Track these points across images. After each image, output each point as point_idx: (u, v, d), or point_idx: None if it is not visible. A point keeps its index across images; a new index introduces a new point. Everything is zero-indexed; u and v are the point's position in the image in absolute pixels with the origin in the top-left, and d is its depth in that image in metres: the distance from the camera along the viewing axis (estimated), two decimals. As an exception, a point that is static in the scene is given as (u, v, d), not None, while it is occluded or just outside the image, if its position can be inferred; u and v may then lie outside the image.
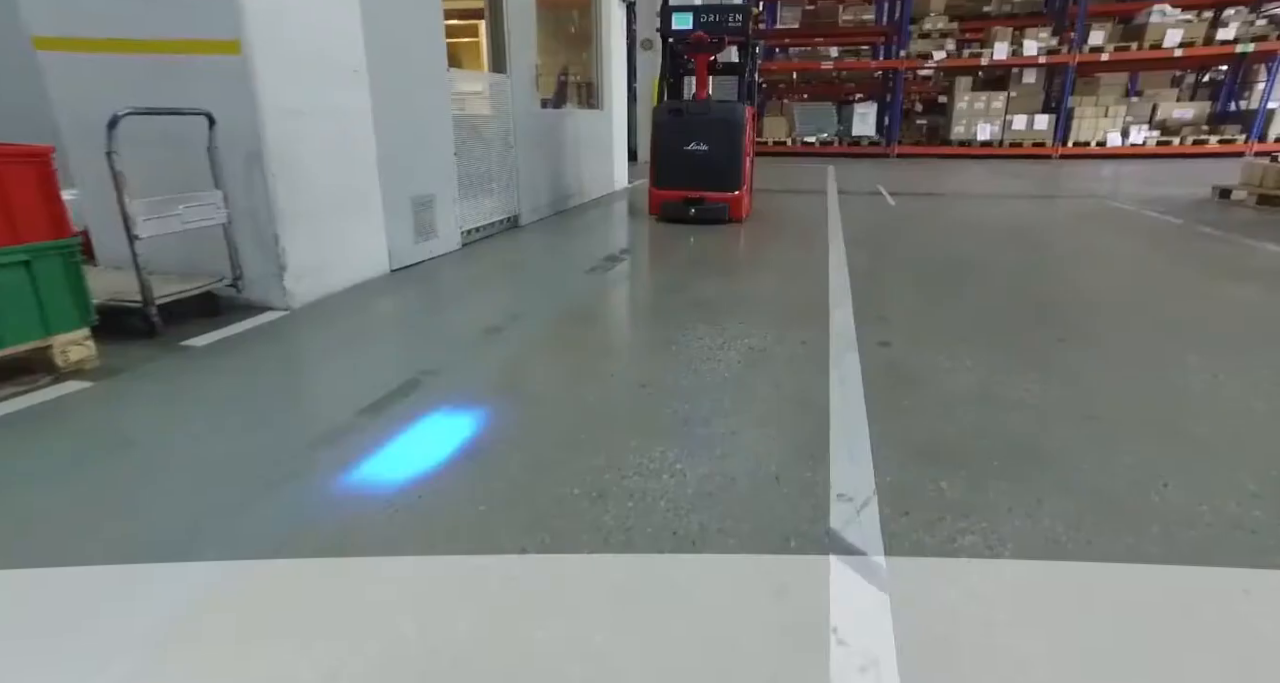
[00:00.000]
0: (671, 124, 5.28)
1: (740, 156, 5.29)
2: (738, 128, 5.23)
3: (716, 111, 5.25)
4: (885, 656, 1.14)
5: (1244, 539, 1.44)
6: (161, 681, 1.09)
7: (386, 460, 1.79)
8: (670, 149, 5.33)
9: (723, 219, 5.38)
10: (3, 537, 1.47)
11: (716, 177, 5.31)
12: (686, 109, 5.27)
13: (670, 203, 5.47)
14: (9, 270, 2.08)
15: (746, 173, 5.48)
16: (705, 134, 5.21)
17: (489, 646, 1.16)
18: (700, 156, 5.25)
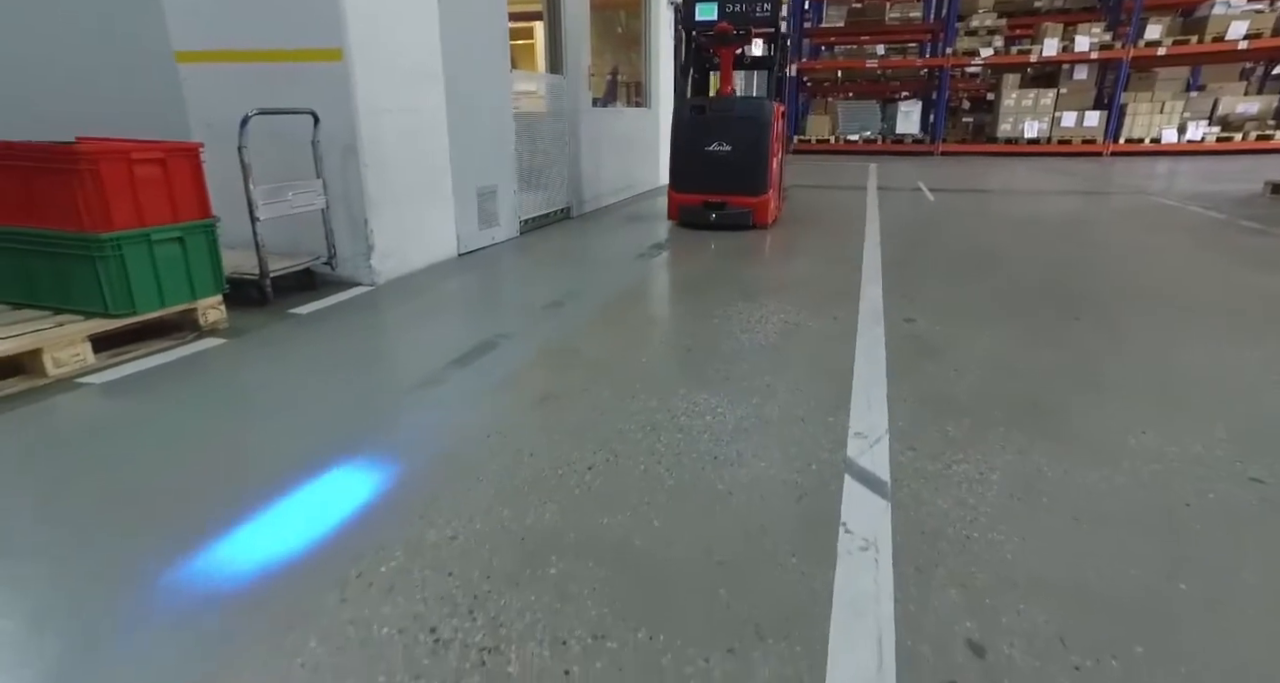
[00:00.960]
0: (692, 122, 4.96)
1: (766, 158, 4.93)
2: (764, 126, 4.87)
3: (741, 109, 4.93)
4: (882, 540, 1.45)
5: (1199, 471, 1.70)
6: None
7: (475, 401, 2.16)
8: (690, 149, 5.01)
9: (745, 225, 5.06)
10: (207, 443, 1.88)
11: (740, 179, 4.97)
12: (709, 106, 4.96)
13: (689, 207, 5.14)
14: (170, 245, 2.53)
15: (774, 175, 5.13)
16: (728, 133, 4.88)
17: (569, 526, 1.50)
18: (723, 158, 4.93)
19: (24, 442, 1.88)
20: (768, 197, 5.04)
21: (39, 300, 2.50)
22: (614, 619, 1.22)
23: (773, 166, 5.00)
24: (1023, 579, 1.32)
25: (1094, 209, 6.44)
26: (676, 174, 5.15)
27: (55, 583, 1.32)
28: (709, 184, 5.04)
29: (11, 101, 4.57)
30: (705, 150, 4.94)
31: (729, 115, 4.91)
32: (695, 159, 5.01)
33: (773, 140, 4.92)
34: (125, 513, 1.55)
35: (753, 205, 5.03)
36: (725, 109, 4.95)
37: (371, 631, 1.18)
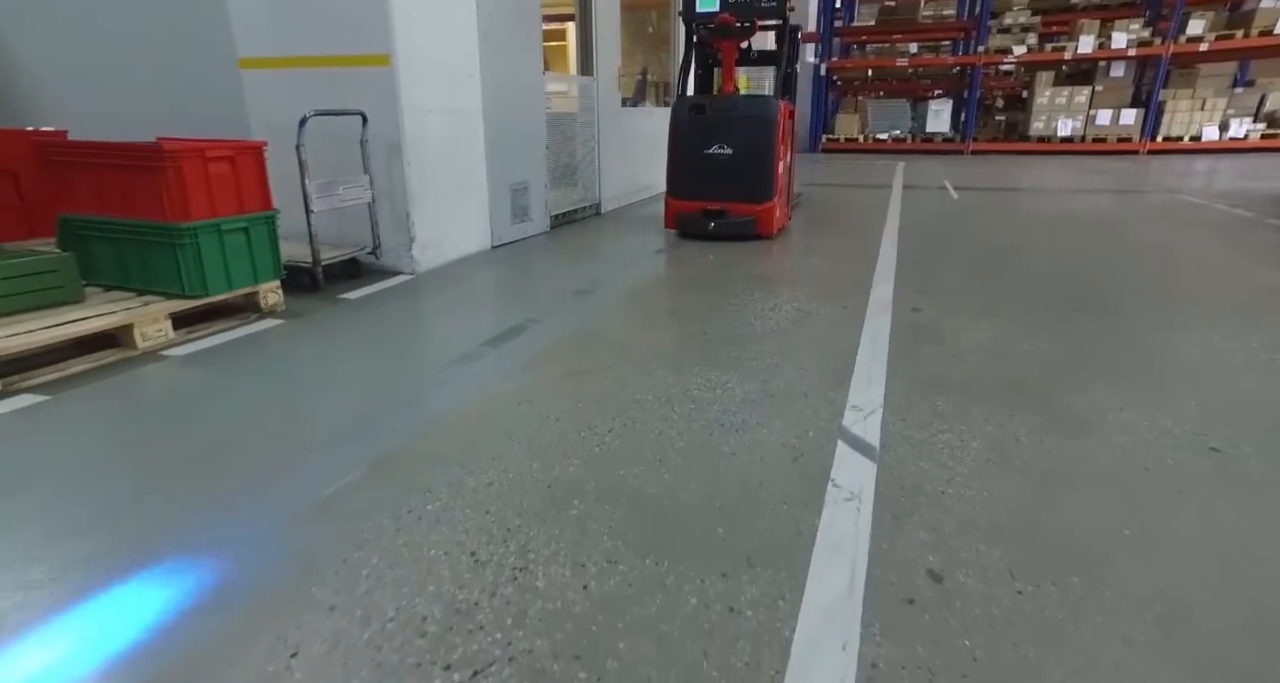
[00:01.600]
0: (691, 123, 4.59)
1: (771, 162, 4.56)
2: (769, 127, 4.50)
3: (745, 108, 4.54)
4: (866, 493, 1.64)
5: (1165, 441, 1.85)
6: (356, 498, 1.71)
7: (508, 375, 2.39)
8: (689, 152, 4.63)
9: (748, 235, 4.67)
10: (274, 405, 2.15)
11: (743, 185, 4.60)
12: (710, 105, 4.57)
13: (686, 215, 4.74)
14: (237, 234, 2.82)
15: (780, 181, 4.74)
16: (731, 135, 4.52)
17: (590, 477, 1.72)
18: (724, 161, 4.57)
19: (126, 403, 2.17)
20: (772, 204, 4.65)
21: (127, 283, 2.81)
22: (626, 549, 1.43)
23: (778, 171, 4.65)
24: (985, 526, 1.50)
25: (1119, 207, 6.46)
26: (674, 179, 4.80)
27: (163, 507, 1.58)
28: (708, 190, 4.68)
29: (95, 103, 4.98)
30: (705, 153, 4.59)
31: (731, 115, 4.54)
32: (694, 163, 4.65)
33: (779, 142, 4.56)
34: (211, 459, 1.81)
35: (756, 214, 4.64)
36: (727, 109, 4.56)
37: (422, 552, 1.42)
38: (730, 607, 1.26)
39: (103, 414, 2.08)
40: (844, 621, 1.22)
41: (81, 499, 1.62)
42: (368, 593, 1.29)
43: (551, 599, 1.28)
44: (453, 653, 1.14)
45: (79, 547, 1.44)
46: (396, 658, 1.13)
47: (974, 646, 1.16)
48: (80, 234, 2.82)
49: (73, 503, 1.61)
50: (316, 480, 1.70)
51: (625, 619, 1.23)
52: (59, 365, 2.29)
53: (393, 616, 1.23)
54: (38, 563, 1.39)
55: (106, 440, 1.93)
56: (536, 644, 1.16)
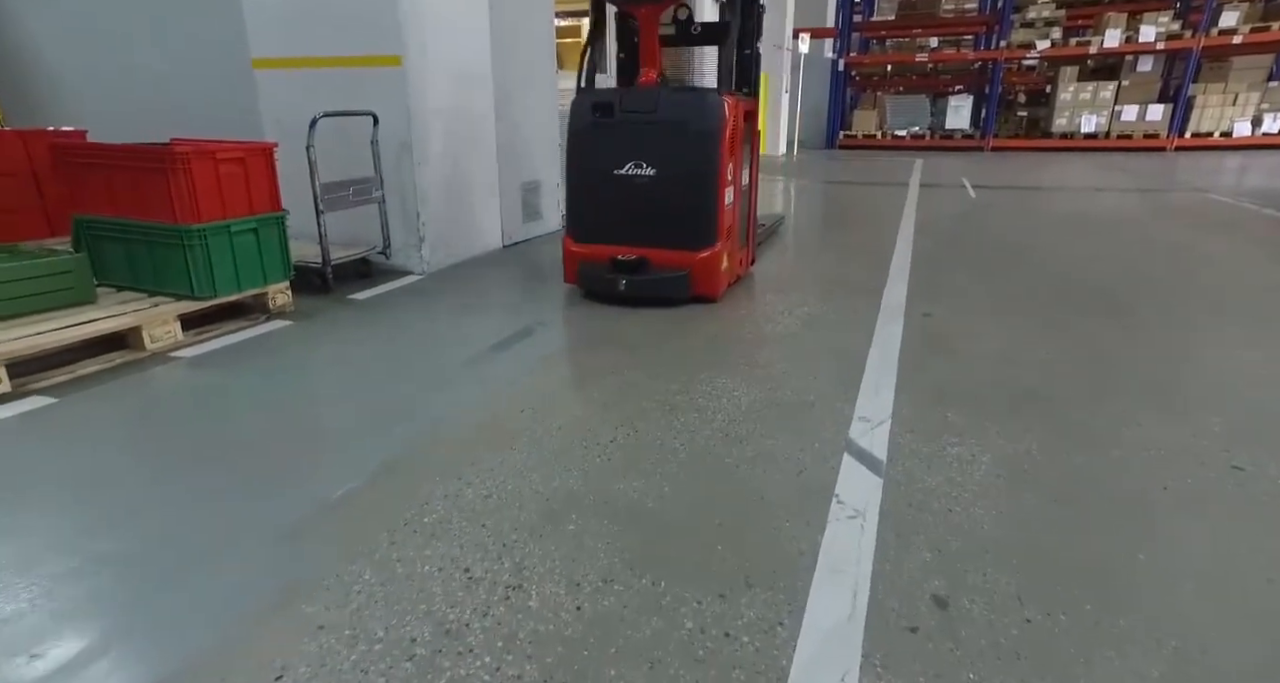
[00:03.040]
0: (593, 130, 3.16)
1: (713, 187, 3.07)
2: (708, 137, 3.02)
3: (672, 108, 3.05)
4: (870, 510, 1.60)
5: (1184, 458, 1.78)
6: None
7: (513, 379, 2.37)
8: (591, 173, 3.20)
9: (677, 297, 3.20)
10: (278, 409, 2.15)
11: (671, 223, 3.14)
12: (620, 104, 3.11)
13: (591, 267, 3.26)
14: (246, 235, 2.82)
15: (728, 214, 3.20)
16: (652, 148, 3.08)
17: (589, 490, 1.70)
18: (643, 187, 3.11)
19: (129, 407, 2.18)
20: (716, 251, 3.14)
21: (139, 284, 2.83)
22: (622, 567, 1.41)
23: (723, 200, 3.12)
24: (994, 547, 1.45)
25: (1143, 206, 6.30)
26: (572, 212, 3.34)
27: (158, 515, 1.58)
28: (620, 230, 3.20)
29: (114, 103, 5.04)
30: (614, 175, 3.13)
31: (651, 119, 3.07)
32: (598, 189, 3.20)
33: (724, 157, 3.06)
34: (208, 465, 1.81)
35: (690, 265, 3.13)
36: (644, 108, 3.07)
37: (416, 568, 1.40)
38: (726, 632, 1.23)
39: (105, 419, 2.09)
40: (844, 650, 1.18)
41: (71, 509, 1.63)
42: (358, 611, 1.27)
43: (544, 621, 1.25)
44: (440, 678, 1.12)
45: (61, 562, 1.44)
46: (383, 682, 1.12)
47: (979, 679, 1.12)
48: (93, 235, 2.85)
49: (60, 514, 1.61)
50: (315, 490, 1.69)
51: (618, 643, 1.20)
52: (68, 367, 2.31)
53: (382, 636, 1.21)
54: (22, 576, 1.39)
55: (105, 446, 1.93)
56: (525, 670, 1.14)
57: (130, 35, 5.38)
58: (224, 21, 4.17)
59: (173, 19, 5.17)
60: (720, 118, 3.04)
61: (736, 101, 3.18)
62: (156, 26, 5.28)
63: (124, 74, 5.38)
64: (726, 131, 3.05)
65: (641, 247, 3.18)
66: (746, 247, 3.72)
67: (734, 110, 3.13)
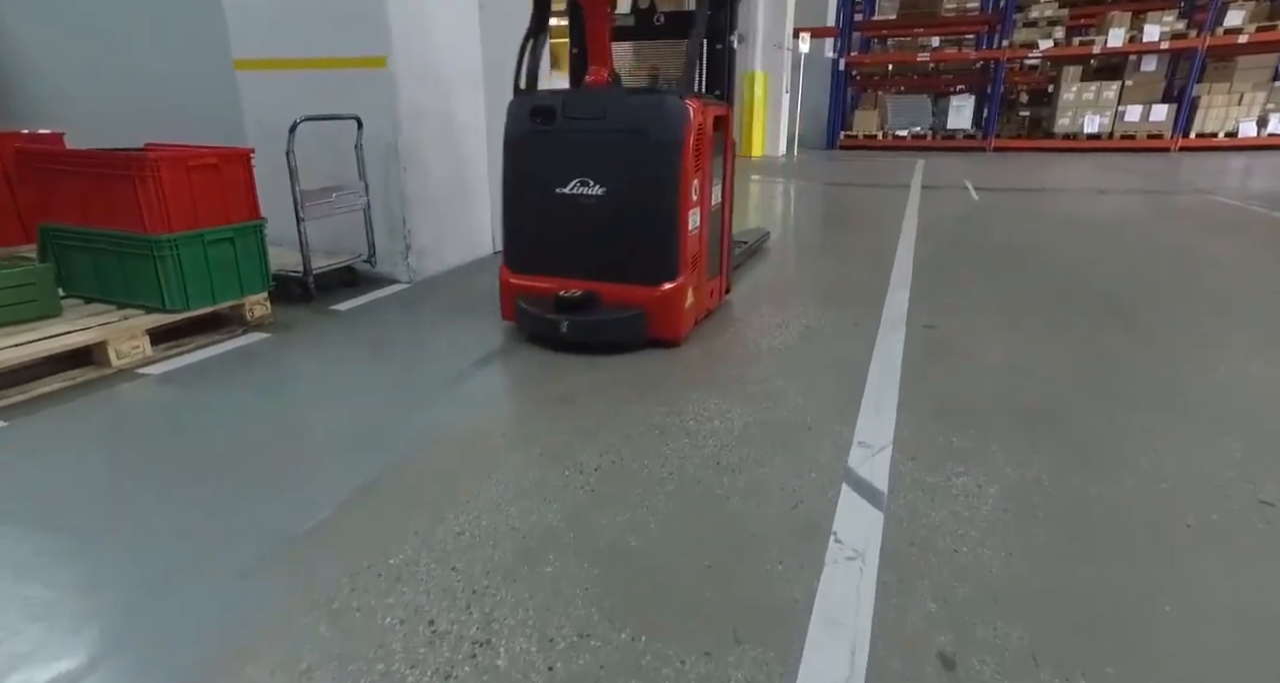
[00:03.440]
0: (532, 140, 2.71)
1: (673, 209, 2.58)
2: (666, 149, 2.54)
3: (622, 113, 2.58)
4: (871, 550, 1.48)
5: (1206, 491, 1.67)
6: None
7: (495, 399, 2.26)
8: (530, 192, 2.74)
9: (631, 341, 2.69)
10: (244, 432, 2.04)
11: (623, 252, 2.66)
12: (563, 108, 2.65)
13: (531, 302, 2.74)
14: (222, 245, 2.71)
15: (692, 240, 2.70)
16: (600, 162, 2.61)
17: (570, 526, 1.58)
18: (590, 209, 2.63)
19: (85, 430, 2.06)
20: (677, 286, 2.63)
21: (108, 296, 2.71)
22: (600, 618, 1.29)
23: (685, 224, 2.62)
24: (1004, 594, 1.34)
25: (1148, 209, 6.18)
26: (510, 238, 2.86)
27: (99, 555, 1.46)
28: (564, 259, 2.74)
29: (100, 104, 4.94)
30: (557, 194, 2.66)
31: (599, 127, 2.60)
32: (537, 210, 2.73)
33: (686, 172, 2.56)
34: (162, 497, 1.70)
35: (646, 303, 2.64)
36: (591, 114, 2.62)
37: (375, 619, 1.29)
38: (711, 698, 1.12)
39: (54, 443, 1.98)
40: (840, 720, 1.07)
41: (8, 548, 1.52)
42: (308, 672, 1.16)
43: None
44: (391, 757, 1.01)
45: None
46: (329, 759, 1.01)
47: (989, 758, 1.01)
48: (61, 244, 2.73)
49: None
50: (276, 526, 1.57)
51: (591, 713, 1.09)
52: (24, 386, 2.20)
53: (331, 703, 1.10)
54: (-39, 624, 1.28)
55: (49, 474, 1.82)
56: (487, 746, 1.03)
57: (115, 35, 5.26)
58: (209, 21, 4.06)
59: (158, 19, 5.05)
60: (682, 126, 2.54)
61: (703, 106, 2.67)
62: (142, 26, 5.17)
63: (111, 75, 5.26)
64: (689, 142, 2.55)
65: (589, 280, 2.70)
66: (720, 275, 3.17)
67: (699, 117, 2.61)
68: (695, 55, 2.72)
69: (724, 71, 3.07)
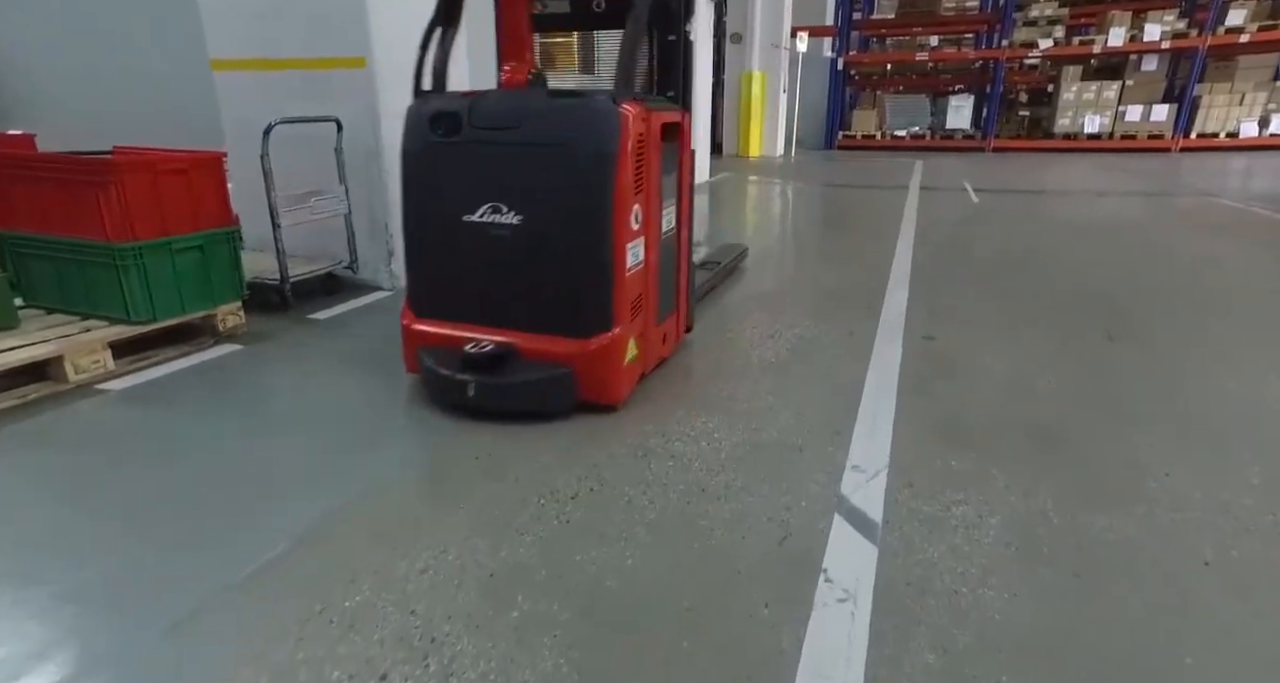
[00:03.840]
0: (431, 156, 2.18)
1: (606, 241, 2.06)
2: (595, 166, 2.02)
3: (539, 122, 2.07)
4: (863, 591, 1.38)
5: (1225, 523, 1.56)
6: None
7: (469, 419, 2.15)
8: (430, 219, 2.24)
9: (556, 407, 2.16)
10: (206, 456, 1.93)
11: (543, 296, 2.16)
12: (470, 116, 2.12)
13: (436, 356, 2.20)
14: (191, 253, 2.60)
15: (630, 282, 2.17)
16: (515, 181, 2.10)
17: (542, 562, 1.47)
18: (504, 243, 2.12)
19: (31, 451, 1.95)
20: (613, 338, 2.12)
21: (71, 306, 2.60)
22: (569, 671, 1.19)
23: (624, 261, 2.10)
24: (1008, 644, 1.23)
25: (1150, 212, 6.08)
26: (413, 275, 2.32)
27: (21, 602, 1.35)
28: (475, 303, 2.22)
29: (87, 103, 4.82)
30: (464, 222, 2.14)
31: (513, 139, 2.08)
32: (442, 242, 2.22)
33: (621, 196, 2.03)
34: (103, 530, 1.59)
35: (573, 360, 2.12)
36: (504, 122, 2.09)
37: (322, 673, 1.18)
38: (685, 770, 1.01)
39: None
40: (827, 798, 0.97)
41: (-49, 584, 1.41)
42: (240, 740, 1.06)
43: (464, 753, 1.04)
44: None
45: (-76, 656, 1.22)
46: None
47: None
48: (19, 253, 2.62)
49: (-61, 590, 1.39)
50: (223, 563, 1.46)
51: (551, 789, 0.98)
52: (-26, 406, 2.09)
53: (261, 779, 1.00)
54: None
55: None
56: None
57: (98, 33, 5.15)
58: (187, 20, 3.94)
59: (140, 18, 4.93)
60: (614, 136, 1.97)
61: (645, 111, 2.07)
62: (124, 25, 5.05)
63: (93, 75, 5.15)
64: (626, 157, 1.99)
65: (505, 329, 2.16)
66: (676, 313, 2.57)
67: (639, 124, 2.03)
68: (634, 48, 2.12)
69: (678, 68, 2.49)
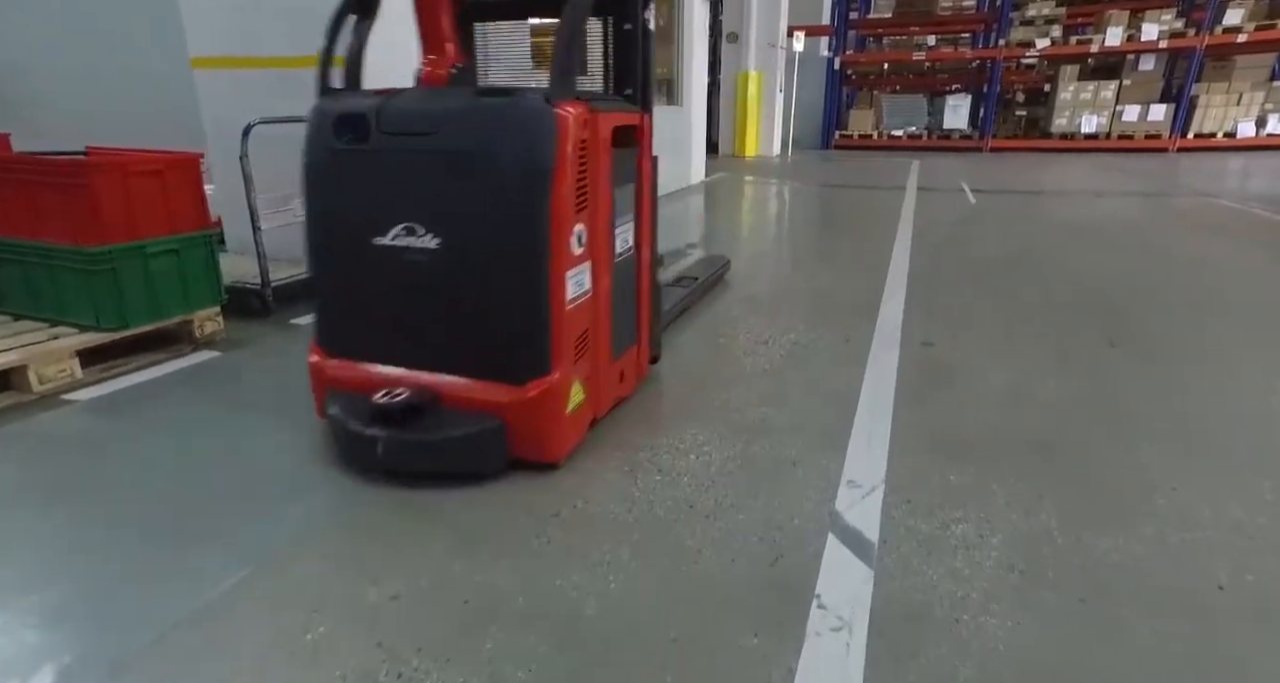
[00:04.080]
0: (334, 167, 1.82)
1: (539, 270, 1.66)
2: (523, 180, 1.62)
3: (459, 126, 1.66)
4: (859, 619, 1.30)
5: (1239, 543, 1.49)
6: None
7: (453, 429, 2.07)
8: (335, 241, 1.87)
9: (483, 466, 1.79)
10: (173, 471, 1.84)
11: (467, 333, 1.77)
12: (379, 120, 1.71)
13: (345, 402, 1.82)
14: (165, 257, 2.51)
15: (576, 314, 1.79)
16: (432, 197, 1.70)
17: (519, 587, 1.40)
18: (421, 271, 1.73)
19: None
20: (551, 384, 1.74)
21: (40, 313, 2.52)
22: (544, 708, 1.11)
23: (562, 293, 1.72)
24: (1012, 676, 1.16)
25: (1150, 213, 6.03)
26: (321, 306, 1.99)
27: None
28: (390, 341, 1.86)
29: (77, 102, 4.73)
30: (374, 246, 1.76)
31: (430, 147, 1.68)
32: (350, 269, 1.84)
33: (558, 214, 1.65)
34: (60, 551, 1.51)
35: (504, 409, 1.75)
36: (418, 127, 1.70)
37: (280, 711, 1.10)
38: None
39: (-29, 481, 1.79)
40: None
41: (-109, 613, 1.32)
42: (183, 792, 0.98)
43: (426, 806, 0.96)
44: None
45: None
46: None
47: None
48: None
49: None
50: (179, 593, 1.38)
51: None
52: (-68, 418, 2.00)
53: None
54: None
55: (-40, 520, 1.63)
56: None
57: (84, 32, 5.05)
58: (170, 19, 3.86)
59: (125, 17, 4.84)
60: (548, 144, 1.59)
61: (590, 114, 1.69)
62: (109, 23, 4.96)
63: (79, 73, 5.05)
64: (564, 167, 1.61)
65: (427, 371, 1.78)
66: (637, 346, 2.20)
67: (582, 129, 1.65)
68: (572, 37, 1.71)
69: (637, 62, 2.06)
